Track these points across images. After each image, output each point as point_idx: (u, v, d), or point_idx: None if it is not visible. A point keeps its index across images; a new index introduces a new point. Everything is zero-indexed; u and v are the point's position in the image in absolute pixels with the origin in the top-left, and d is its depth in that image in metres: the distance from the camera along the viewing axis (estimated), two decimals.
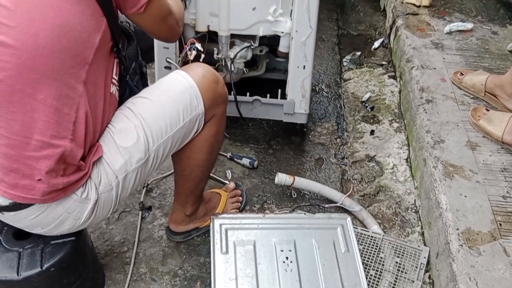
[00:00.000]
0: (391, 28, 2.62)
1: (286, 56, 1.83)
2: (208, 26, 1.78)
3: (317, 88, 2.41)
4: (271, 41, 1.88)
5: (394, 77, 2.38)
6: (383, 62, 2.54)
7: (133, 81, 1.34)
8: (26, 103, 1.04)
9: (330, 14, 3.04)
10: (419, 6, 2.57)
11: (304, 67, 1.78)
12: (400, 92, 2.27)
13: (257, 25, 1.76)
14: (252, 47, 1.84)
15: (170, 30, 1.32)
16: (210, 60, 1.81)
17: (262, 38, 1.83)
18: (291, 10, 1.73)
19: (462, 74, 2.00)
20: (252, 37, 1.82)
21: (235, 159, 1.98)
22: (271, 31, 1.79)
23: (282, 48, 1.84)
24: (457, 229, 1.43)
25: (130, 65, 1.28)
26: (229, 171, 1.94)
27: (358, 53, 2.65)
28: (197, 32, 1.80)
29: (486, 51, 2.24)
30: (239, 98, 1.86)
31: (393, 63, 2.47)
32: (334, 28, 2.92)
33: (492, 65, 2.14)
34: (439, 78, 2.05)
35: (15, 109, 1.04)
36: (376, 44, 2.68)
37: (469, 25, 2.38)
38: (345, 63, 2.60)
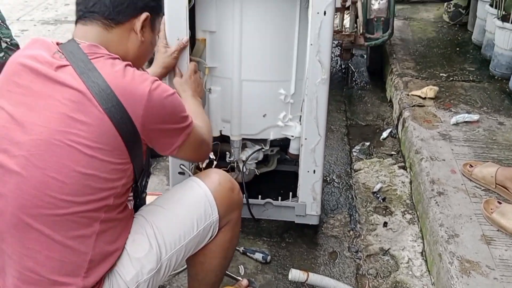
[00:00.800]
0: (398, 119, 2.69)
1: (296, 157, 1.88)
2: (221, 131, 1.85)
3: (328, 179, 2.44)
4: (282, 141, 1.93)
5: (404, 168, 2.41)
6: (392, 152, 2.58)
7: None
8: (42, 241, 1.04)
9: (338, 105, 3.15)
10: (424, 98, 2.65)
11: (314, 171, 1.81)
12: (410, 182, 2.28)
13: (268, 130, 1.83)
14: (263, 150, 1.90)
15: (202, 155, 1.35)
16: (223, 157, 1.87)
17: (273, 140, 1.88)
18: (300, 116, 1.80)
19: (472, 166, 2.02)
20: (263, 141, 1.89)
21: (248, 253, 1.96)
22: (281, 135, 1.85)
23: (292, 150, 1.89)
24: None
25: (145, 185, 1.28)
26: (242, 266, 1.92)
27: (367, 143, 2.70)
28: None
29: (493, 142, 2.28)
30: (251, 201, 1.89)
31: (402, 153, 2.51)
32: (342, 118, 3.01)
33: (500, 156, 2.16)
34: (449, 169, 2.07)
35: (31, 246, 1.04)
36: (385, 134, 2.74)
37: (475, 116, 2.43)
38: (354, 153, 2.64)
